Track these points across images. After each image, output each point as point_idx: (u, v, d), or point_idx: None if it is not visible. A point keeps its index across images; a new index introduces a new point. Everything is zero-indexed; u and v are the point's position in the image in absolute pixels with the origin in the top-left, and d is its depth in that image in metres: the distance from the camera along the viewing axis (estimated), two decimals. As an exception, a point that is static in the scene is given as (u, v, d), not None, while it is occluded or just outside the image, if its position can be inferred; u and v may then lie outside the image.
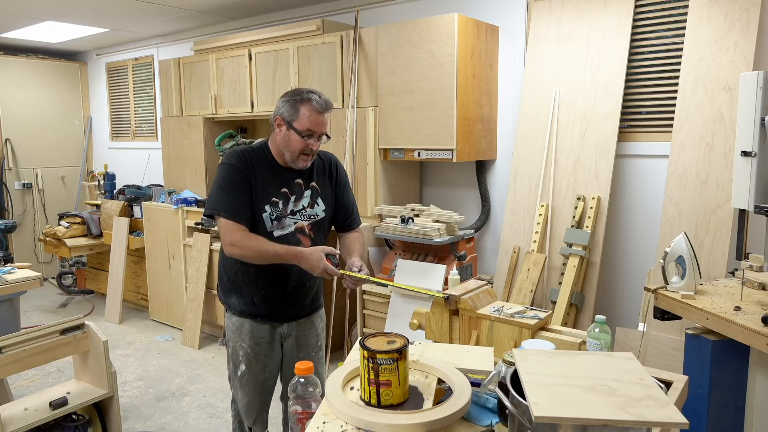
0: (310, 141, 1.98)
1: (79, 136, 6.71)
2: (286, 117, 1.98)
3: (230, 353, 2.20)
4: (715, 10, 2.79)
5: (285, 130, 1.99)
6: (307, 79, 3.90)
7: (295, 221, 2.06)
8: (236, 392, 2.21)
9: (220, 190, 2.00)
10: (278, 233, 2.03)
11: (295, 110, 1.97)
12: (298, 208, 2.08)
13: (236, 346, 2.15)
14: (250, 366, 2.15)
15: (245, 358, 2.14)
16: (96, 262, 5.60)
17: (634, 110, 3.18)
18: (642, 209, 3.16)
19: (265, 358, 2.16)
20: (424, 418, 1.19)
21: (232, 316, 2.16)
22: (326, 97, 2.02)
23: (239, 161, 2.00)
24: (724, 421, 2.02)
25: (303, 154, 2.00)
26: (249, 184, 1.99)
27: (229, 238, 1.95)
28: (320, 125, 1.98)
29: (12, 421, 2.14)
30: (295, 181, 2.08)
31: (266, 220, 2.01)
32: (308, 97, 1.97)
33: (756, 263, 2.27)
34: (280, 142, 2.02)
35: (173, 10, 4.62)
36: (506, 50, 3.57)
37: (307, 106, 1.96)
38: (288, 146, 2.00)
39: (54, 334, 2.30)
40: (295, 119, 1.96)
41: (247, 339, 2.13)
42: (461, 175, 3.83)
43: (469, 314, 1.84)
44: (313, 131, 1.97)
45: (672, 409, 1.01)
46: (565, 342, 1.69)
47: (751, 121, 2.19)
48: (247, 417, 2.21)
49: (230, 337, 2.18)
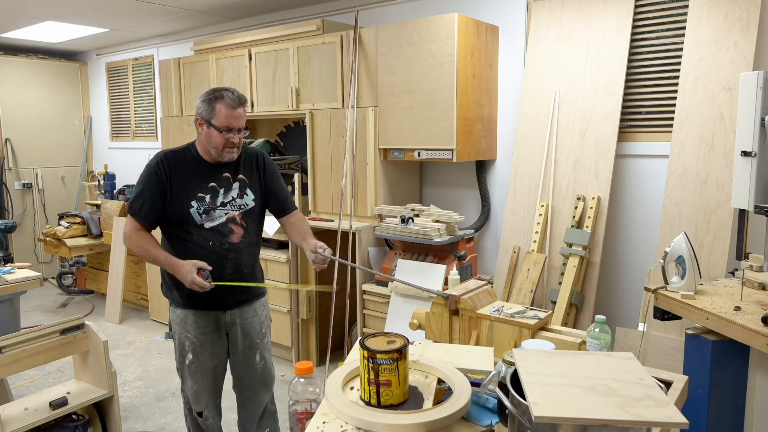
0: (229, 135, 2.12)
1: (79, 136, 6.71)
2: (205, 116, 2.12)
3: (177, 344, 2.31)
4: (715, 10, 2.79)
5: (206, 128, 2.13)
6: (307, 79, 3.90)
7: (226, 212, 2.22)
8: (185, 381, 2.33)
9: (136, 187, 2.20)
10: (209, 225, 2.19)
11: (211, 108, 2.11)
12: (228, 200, 2.22)
13: (182, 337, 2.28)
14: (197, 354, 2.27)
15: (191, 348, 2.27)
16: (96, 262, 5.60)
17: (634, 110, 3.18)
18: (642, 209, 3.16)
19: (212, 346, 2.29)
20: (424, 418, 1.19)
21: (176, 309, 2.29)
22: (239, 93, 2.16)
23: (159, 164, 2.16)
24: (724, 421, 2.02)
25: (227, 147, 2.14)
26: (163, 187, 2.15)
27: (125, 231, 2.18)
28: (236, 119, 2.12)
29: (12, 421, 2.14)
30: (222, 175, 2.22)
31: (194, 214, 2.17)
32: (221, 94, 2.11)
33: (756, 263, 2.27)
34: (204, 140, 2.16)
35: (173, 10, 4.62)
36: (506, 50, 3.57)
37: (222, 103, 2.10)
38: (210, 142, 2.14)
39: (54, 334, 2.30)
40: (213, 117, 2.10)
41: (192, 329, 2.26)
42: (461, 175, 3.83)
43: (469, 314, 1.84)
44: (231, 126, 2.11)
45: (672, 409, 1.01)
46: (565, 342, 1.69)
47: (751, 121, 2.19)
48: (197, 403, 2.33)
49: (175, 330, 2.30)
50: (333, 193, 3.77)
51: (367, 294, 3.53)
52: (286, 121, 4.73)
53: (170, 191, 2.16)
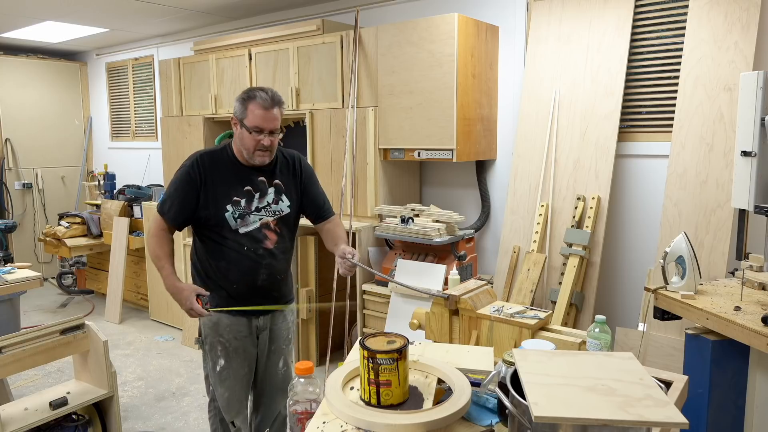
0: (260, 137, 2.04)
1: (79, 136, 6.71)
2: (238, 116, 2.06)
3: (207, 349, 2.23)
4: (715, 10, 2.79)
5: (239, 128, 2.07)
6: (307, 79, 3.90)
7: (260, 217, 2.14)
8: (216, 388, 2.24)
9: (169, 186, 2.14)
10: (243, 230, 2.12)
11: (244, 108, 2.04)
12: (263, 205, 2.15)
13: (213, 342, 2.20)
14: (229, 360, 2.20)
15: (224, 353, 2.19)
16: (96, 262, 5.60)
17: (634, 110, 3.18)
18: (642, 209, 3.16)
19: (244, 352, 2.22)
20: (424, 418, 1.19)
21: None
22: (275, 93, 2.07)
23: (194, 165, 2.10)
24: (724, 421, 2.02)
25: (258, 150, 2.06)
26: (196, 189, 2.09)
27: (150, 228, 2.14)
28: (268, 121, 2.03)
29: (12, 421, 2.14)
30: (258, 179, 2.15)
31: (229, 219, 2.10)
32: (254, 94, 2.04)
33: (756, 263, 2.27)
34: (237, 140, 2.10)
35: (173, 10, 4.62)
36: (506, 50, 3.57)
37: (254, 103, 2.02)
38: (243, 144, 2.07)
39: (54, 334, 2.30)
40: (245, 117, 2.04)
41: (225, 334, 2.18)
42: (461, 175, 3.83)
43: (469, 314, 1.84)
44: (261, 128, 2.02)
45: (672, 409, 1.01)
46: (565, 342, 1.69)
47: (751, 121, 2.19)
48: (229, 412, 2.24)
49: (207, 334, 2.22)
50: (333, 193, 3.77)
51: (367, 294, 3.53)
52: (286, 121, 4.72)
53: (204, 194, 2.09)
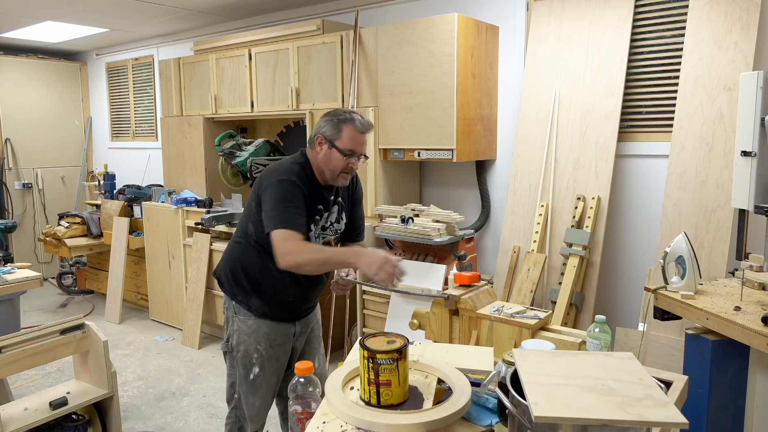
0: (351, 160, 2.02)
1: (79, 136, 6.71)
2: (328, 136, 2.01)
3: (239, 357, 2.14)
4: (715, 10, 2.79)
5: (327, 148, 2.01)
6: (307, 79, 3.90)
7: (324, 236, 2.14)
8: (246, 397, 2.17)
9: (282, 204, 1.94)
10: None
11: (337, 130, 2.00)
12: (328, 224, 2.14)
13: (249, 349, 2.12)
14: (263, 368, 2.15)
15: (259, 361, 2.13)
16: (96, 262, 5.60)
17: (634, 110, 3.18)
18: (642, 209, 3.16)
19: (277, 361, 2.18)
20: (424, 418, 1.19)
21: (249, 318, 2.12)
22: (368, 120, 2.07)
23: (299, 179, 2.00)
24: (724, 421, 2.02)
25: (344, 172, 2.04)
26: (305, 202, 2.00)
27: (286, 247, 1.88)
28: (361, 145, 2.03)
29: (12, 421, 2.14)
30: (329, 198, 2.12)
31: (311, 237, 2.06)
32: (351, 117, 2.02)
33: (756, 263, 2.27)
34: (321, 160, 2.03)
35: (173, 10, 4.62)
36: (506, 50, 3.57)
37: (350, 126, 2.00)
38: (329, 165, 2.03)
39: (54, 334, 2.30)
40: (337, 138, 2.00)
41: (263, 341, 2.12)
42: (461, 175, 3.83)
43: (469, 314, 1.84)
44: (354, 151, 2.01)
45: (672, 409, 1.01)
46: (565, 342, 1.69)
47: (751, 121, 2.19)
48: (256, 421, 2.20)
49: (243, 340, 2.13)
50: (333, 193, 3.77)
51: (367, 294, 3.53)
52: (286, 121, 4.73)
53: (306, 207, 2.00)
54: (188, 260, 4.50)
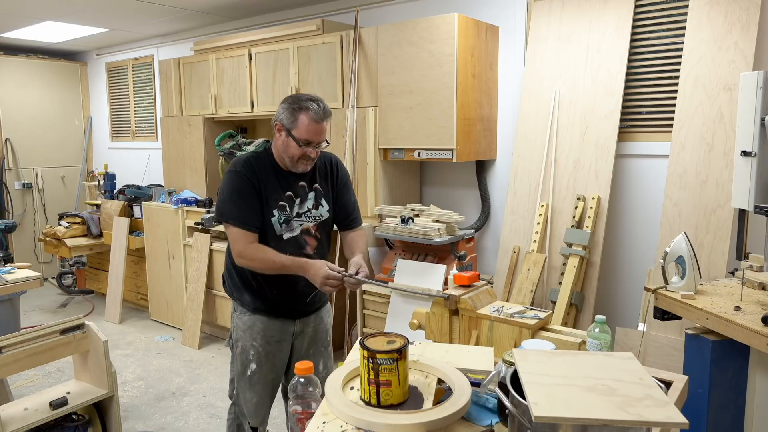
0: (308, 149, 2.00)
1: (79, 136, 6.71)
2: (285, 124, 2.00)
3: (238, 352, 2.17)
4: (715, 10, 2.79)
5: (284, 136, 2.01)
6: (307, 79, 3.90)
7: (301, 223, 2.10)
8: (244, 392, 2.18)
9: (229, 198, 2.02)
10: (287, 236, 2.08)
11: (294, 118, 1.98)
12: (303, 210, 2.11)
13: (246, 345, 2.14)
14: (260, 364, 2.15)
15: (256, 357, 2.14)
16: (96, 262, 5.60)
17: (634, 110, 3.18)
18: (642, 209, 3.16)
19: (274, 357, 2.18)
20: (424, 418, 1.19)
21: (244, 314, 2.16)
22: (325, 105, 2.02)
23: (245, 168, 2.02)
24: (724, 421, 2.02)
25: (302, 159, 2.03)
26: (257, 191, 2.01)
27: (238, 248, 2.00)
28: (318, 134, 1.99)
29: (12, 421, 2.14)
30: (299, 184, 2.11)
31: (275, 224, 2.05)
32: (306, 105, 1.97)
33: (756, 263, 2.27)
34: (280, 147, 2.04)
35: (173, 10, 4.62)
36: (506, 50, 3.57)
37: (306, 114, 1.96)
38: (286, 152, 2.02)
39: (54, 334, 2.29)
40: (294, 127, 1.98)
41: (258, 337, 2.14)
42: (461, 175, 3.83)
43: (469, 314, 1.84)
44: (311, 140, 1.99)
45: (672, 409, 1.01)
46: (565, 342, 1.69)
47: (751, 121, 2.19)
48: (255, 417, 2.20)
49: (240, 336, 2.16)
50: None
51: (367, 294, 3.53)
52: (286, 121, 4.73)
53: (259, 198, 2.02)
54: (188, 260, 4.50)
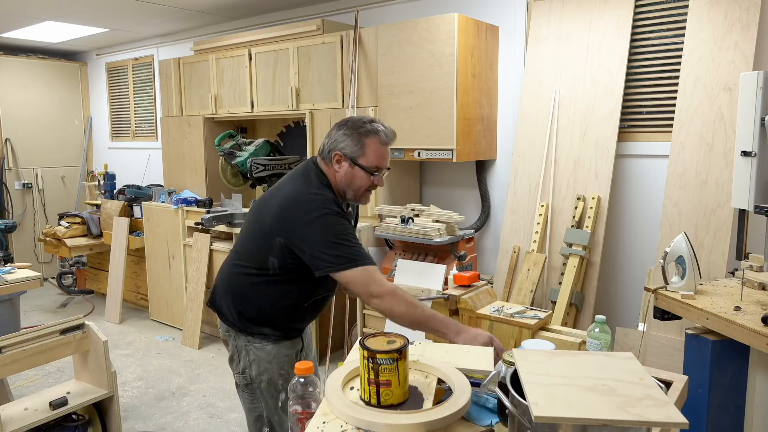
0: (376, 177, 1.80)
1: (79, 136, 6.71)
2: (349, 153, 1.76)
3: (264, 387, 1.88)
4: (715, 10, 2.79)
5: (348, 167, 1.77)
6: (307, 79, 3.90)
7: None
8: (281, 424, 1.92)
9: (343, 241, 1.71)
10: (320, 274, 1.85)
11: (360, 145, 1.75)
12: None
13: (274, 376, 1.87)
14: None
15: (285, 385, 1.87)
16: (96, 262, 5.60)
17: (634, 110, 3.18)
18: (642, 209, 3.16)
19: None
20: (424, 418, 1.19)
21: (266, 345, 1.87)
22: (390, 127, 1.82)
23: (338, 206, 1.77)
24: (724, 421, 2.02)
25: (368, 190, 1.83)
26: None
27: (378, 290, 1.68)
28: (387, 158, 1.80)
29: (12, 421, 2.14)
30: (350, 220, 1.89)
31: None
32: (374, 128, 1.76)
33: (756, 263, 2.27)
34: (342, 180, 1.79)
35: (173, 10, 4.62)
36: (506, 50, 3.57)
37: (375, 139, 1.75)
38: (352, 185, 1.80)
39: (54, 334, 2.30)
40: (361, 155, 1.76)
41: (285, 364, 1.90)
42: (461, 175, 3.83)
43: (469, 314, 1.84)
44: (381, 167, 1.79)
45: (672, 409, 1.01)
46: (565, 342, 1.69)
47: (751, 121, 2.19)
48: None
49: (265, 369, 1.87)
50: (333, 193, 3.77)
51: (367, 294, 3.53)
52: (286, 121, 4.73)
53: None
54: (188, 260, 4.50)
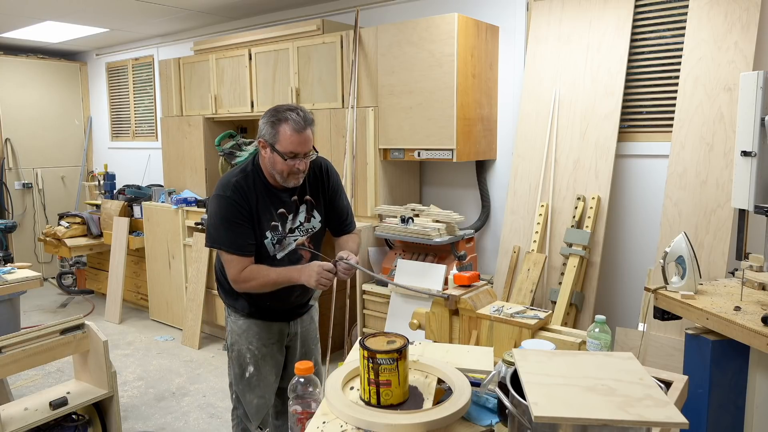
0: (295, 162, 1.92)
1: (79, 136, 6.71)
2: (268, 139, 1.92)
3: (234, 356, 2.16)
4: (715, 10, 2.79)
5: (269, 152, 1.94)
6: (307, 79, 3.90)
7: (295, 238, 2.04)
8: (244, 395, 2.17)
9: (220, 224, 1.95)
10: (280, 254, 2.02)
11: (275, 132, 1.90)
12: (296, 225, 2.05)
13: (242, 349, 2.14)
14: (258, 367, 2.15)
15: (253, 360, 2.14)
16: (96, 262, 5.60)
17: (634, 110, 3.18)
18: (642, 209, 3.16)
19: (272, 359, 2.18)
20: (424, 418, 1.19)
21: (239, 319, 2.15)
22: (306, 112, 1.94)
23: (235, 193, 1.94)
24: (724, 421, 2.02)
25: (292, 174, 1.95)
26: (248, 216, 1.95)
27: (233, 274, 1.97)
28: (303, 144, 1.91)
29: (12, 421, 2.14)
30: (291, 199, 2.04)
31: (268, 245, 2.01)
32: (286, 116, 1.89)
33: (756, 263, 2.27)
34: (267, 164, 1.97)
35: (173, 10, 4.62)
36: (506, 50, 3.57)
37: (287, 126, 1.89)
38: (274, 168, 1.95)
39: (54, 334, 2.30)
40: (277, 141, 1.90)
41: (254, 341, 2.13)
42: (461, 175, 3.83)
43: (469, 314, 1.84)
44: (296, 152, 1.91)
45: (672, 409, 1.01)
46: (565, 342, 1.69)
47: (751, 121, 2.19)
48: (257, 418, 2.20)
49: (236, 340, 2.15)
50: (333, 193, 3.77)
51: (367, 294, 3.53)
52: (286, 121, 4.73)
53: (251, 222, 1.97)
54: (188, 260, 4.50)
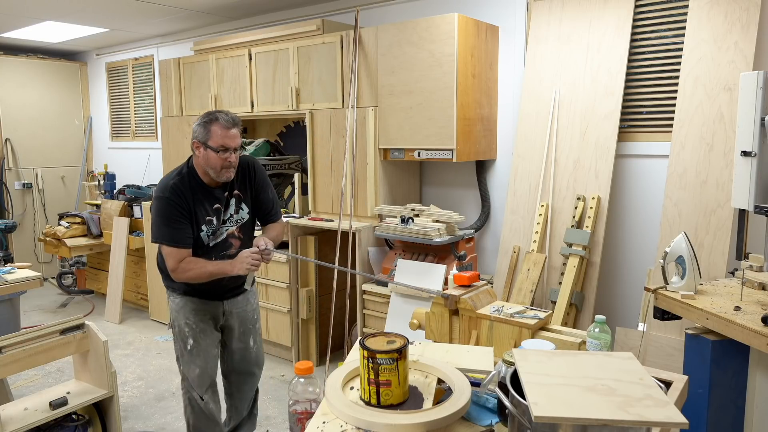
0: (226, 155, 2.23)
1: (79, 136, 6.71)
2: (201, 138, 2.24)
3: (177, 332, 2.44)
4: (715, 10, 2.79)
5: (203, 151, 2.24)
6: (307, 79, 3.90)
7: (227, 228, 2.38)
8: (187, 367, 2.43)
9: (161, 222, 2.23)
10: (213, 243, 2.34)
11: (207, 131, 2.23)
12: (227, 217, 2.38)
13: (181, 324, 2.41)
14: (197, 340, 2.41)
15: (192, 333, 2.41)
16: (96, 262, 5.60)
17: (634, 110, 3.18)
18: (642, 209, 3.16)
19: (211, 333, 2.45)
20: (424, 418, 1.19)
21: (176, 297, 2.42)
22: (233, 115, 2.29)
23: (173, 194, 2.22)
24: (724, 421, 2.02)
25: (224, 167, 2.25)
26: (186, 214, 2.24)
27: (171, 265, 2.24)
28: (231, 139, 2.23)
29: (12, 421, 2.14)
30: (224, 195, 2.36)
31: (203, 237, 2.31)
32: (216, 116, 2.24)
33: (756, 263, 2.27)
34: (202, 162, 2.27)
35: (173, 10, 4.62)
36: (506, 50, 3.57)
37: (217, 124, 2.22)
38: (208, 164, 2.25)
39: (54, 334, 2.30)
40: (209, 138, 2.22)
41: (191, 316, 2.41)
42: (461, 175, 3.83)
43: (469, 314, 1.84)
44: (226, 146, 2.22)
45: (672, 409, 1.01)
46: (565, 342, 1.69)
47: (751, 121, 2.19)
48: (201, 387, 2.44)
49: (175, 317, 2.43)
50: (333, 193, 3.77)
51: (367, 294, 3.53)
52: (286, 121, 4.73)
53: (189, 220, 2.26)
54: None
